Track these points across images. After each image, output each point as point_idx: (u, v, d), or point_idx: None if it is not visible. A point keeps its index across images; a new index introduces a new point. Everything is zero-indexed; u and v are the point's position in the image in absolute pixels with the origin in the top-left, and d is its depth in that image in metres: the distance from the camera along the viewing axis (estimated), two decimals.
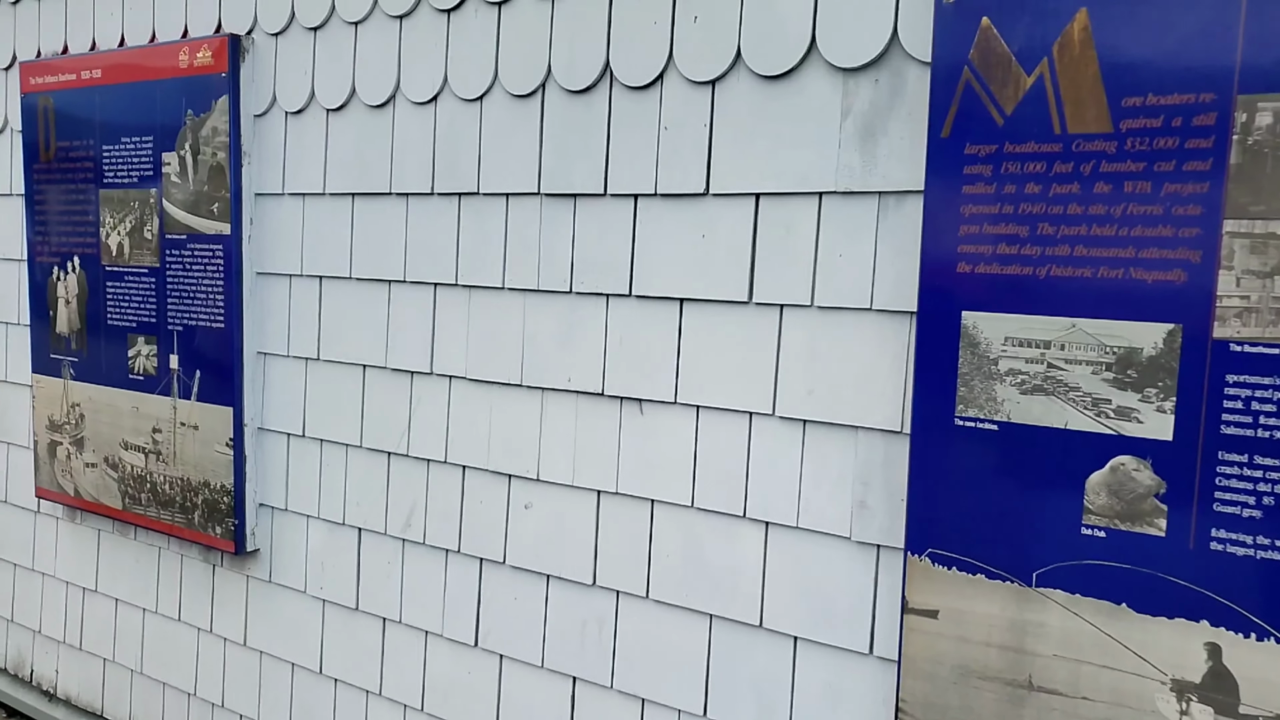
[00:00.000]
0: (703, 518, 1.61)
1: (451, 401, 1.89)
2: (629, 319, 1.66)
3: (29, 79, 2.44)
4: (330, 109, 1.99)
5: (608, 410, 1.70)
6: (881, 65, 1.41)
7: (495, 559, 1.85)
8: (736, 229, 1.54)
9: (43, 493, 2.56)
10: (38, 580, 2.71)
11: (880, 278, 1.42)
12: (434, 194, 1.87)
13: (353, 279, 2.00)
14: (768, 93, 1.50)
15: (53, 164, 2.42)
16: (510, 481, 1.83)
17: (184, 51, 2.11)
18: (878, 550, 1.45)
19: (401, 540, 1.98)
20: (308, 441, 2.10)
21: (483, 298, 1.83)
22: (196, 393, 2.17)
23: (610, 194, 1.67)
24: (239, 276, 2.09)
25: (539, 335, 1.77)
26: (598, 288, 1.69)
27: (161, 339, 2.22)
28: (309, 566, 2.12)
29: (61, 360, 2.46)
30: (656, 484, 1.65)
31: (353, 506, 2.04)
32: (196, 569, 2.34)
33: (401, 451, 1.96)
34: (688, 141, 1.58)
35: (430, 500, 1.93)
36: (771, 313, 1.52)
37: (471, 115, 1.81)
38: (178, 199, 2.15)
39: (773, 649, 1.55)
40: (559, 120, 1.71)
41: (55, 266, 2.45)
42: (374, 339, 1.98)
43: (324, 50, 2.00)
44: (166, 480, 2.25)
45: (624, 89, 1.64)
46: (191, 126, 2.11)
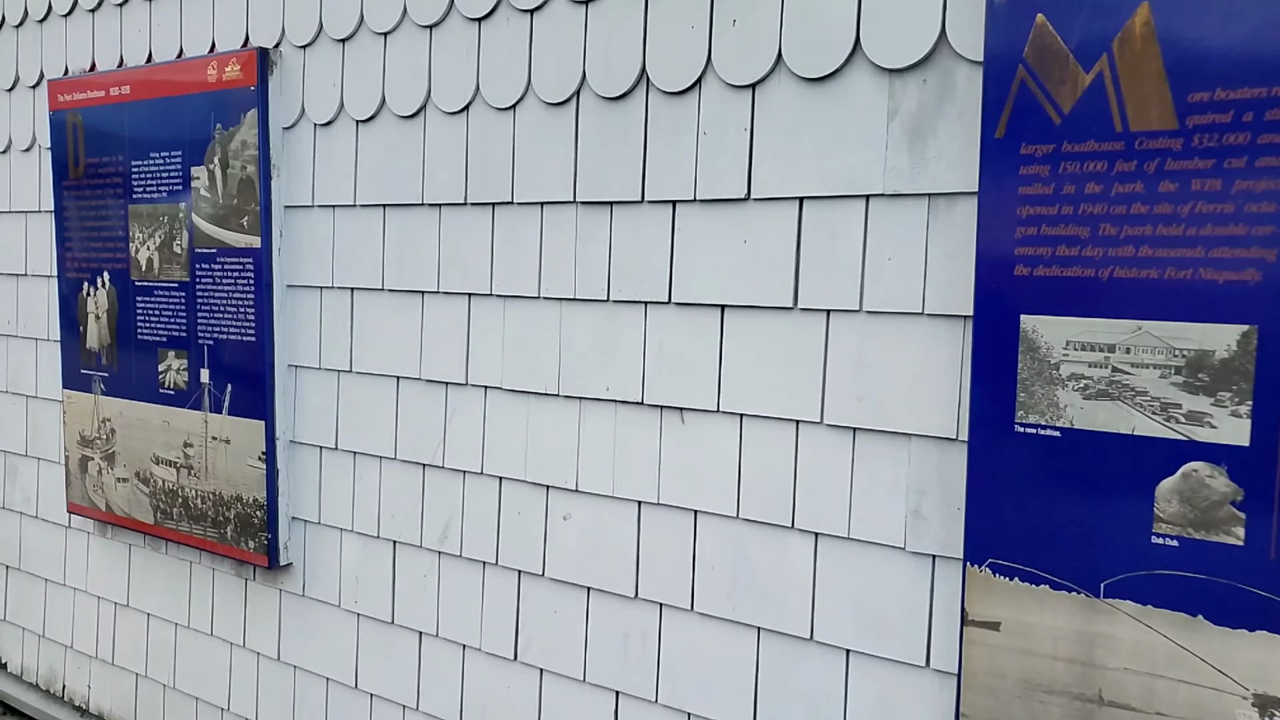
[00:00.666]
0: (749, 529, 1.58)
1: (487, 412, 1.87)
2: (669, 327, 1.64)
3: (57, 96, 2.44)
4: (360, 120, 1.98)
5: (648, 420, 1.67)
6: (929, 65, 1.38)
7: (534, 571, 1.82)
8: (780, 234, 1.52)
9: (74, 508, 2.56)
10: (69, 595, 2.71)
11: (932, 281, 1.39)
12: (467, 204, 1.86)
13: (385, 290, 1.99)
14: (810, 95, 1.47)
15: (82, 180, 2.42)
16: (548, 493, 1.80)
17: (212, 66, 2.11)
18: (933, 560, 1.42)
19: (438, 553, 1.96)
20: (341, 454, 2.09)
21: (518, 308, 1.81)
22: (228, 406, 2.16)
23: (648, 201, 1.64)
24: (269, 289, 2.08)
25: (576, 344, 1.74)
26: (636, 296, 1.67)
27: (192, 353, 2.22)
28: (343, 580, 2.10)
29: (92, 375, 2.46)
30: (700, 494, 1.62)
31: (387, 519, 2.02)
32: (229, 583, 2.33)
33: (437, 463, 1.94)
34: (728, 146, 1.55)
35: (467, 512, 1.91)
36: (818, 318, 1.49)
37: (504, 124, 1.79)
38: (207, 213, 2.15)
39: (824, 662, 1.51)
40: (594, 127, 1.69)
41: (85, 282, 2.45)
42: (407, 350, 1.96)
43: (353, 62, 1.98)
44: (198, 495, 2.24)
45: (661, 94, 1.61)
46: (220, 140, 2.10)
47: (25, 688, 2.81)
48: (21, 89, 2.64)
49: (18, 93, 2.66)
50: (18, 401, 2.78)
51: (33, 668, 2.84)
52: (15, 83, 2.65)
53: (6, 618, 2.88)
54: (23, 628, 2.84)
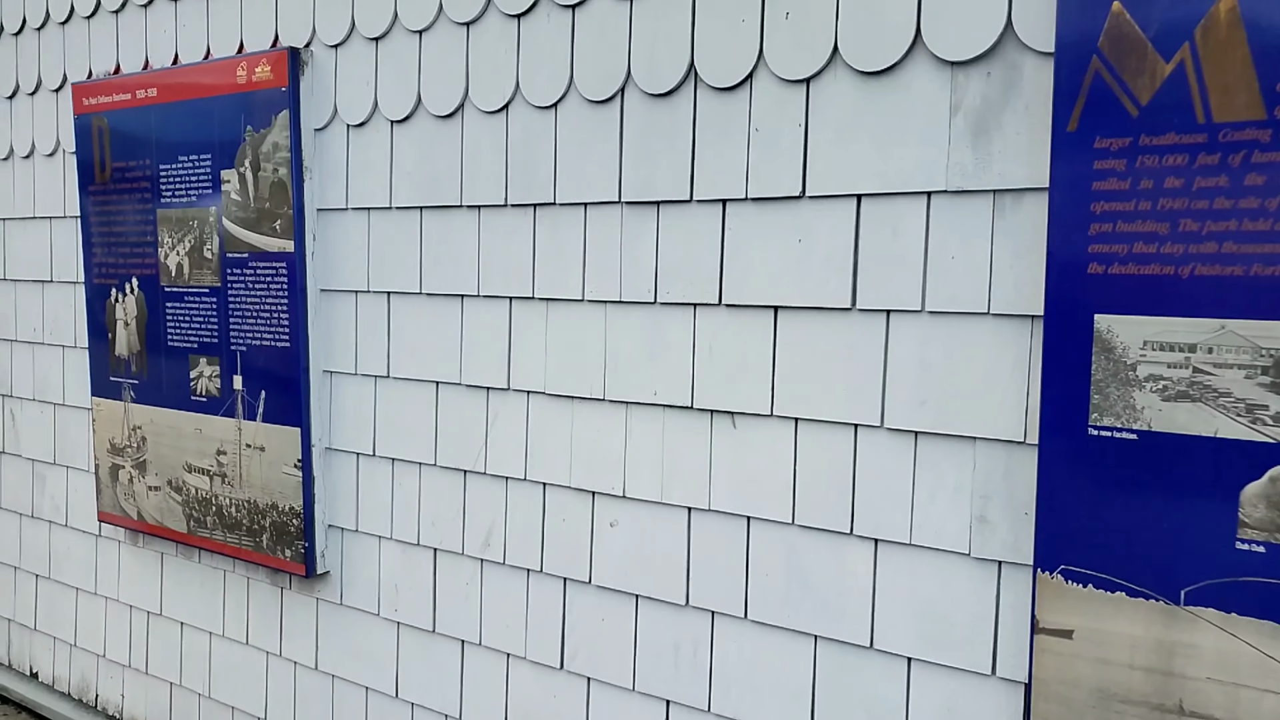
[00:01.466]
0: (805, 535, 1.54)
1: (530, 417, 1.84)
2: (719, 329, 1.60)
3: (82, 100, 2.42)
4: (395, 121, 1.94)
5: (697, 424, 1.64)
6: (994, 57, 1.33)
7: (580, 579, 1.79)
8: (837, 232, 1.48)
9: (105, 516, 2.54)
10: (100, 604, 2.69)
11: (998, 280, 1.35)
12: (508, 206, 1.82)
13: (423, 294, 1.95)
14: (868, 89, 1.43)
15: (108, 185, 2.39)
16: (594, 499, 1.77)
17: (242, 67, 2.07)
18: (999, 566, 1.38)
19: (480, 560, 1.93)
20: (378, 461, 2.06)
21: (561, 311, 1.78)
22: (262, 413, 2.13)
23: (696, 200, 1.61)
24: (303, 294, 2.04)
25: (622, 348, 1.71)
26: (684, 297, 1.63)
27: (224, 359, 2.19)
28: (382, 588, 2.08)
29: (121, 383, 2.43)
30: (753, 500, 1.59)
31: (428, 526, 1.99)
32: (264, 592, 2.31)
33: (478, 469, 1.91)
34: (781, 143, 1.51)
35: (510, 519, 1.88)
36: (877, 319, 1.45)
37: (546, 123, 1.76)
38: (238, 217, 2.12)
39: (885, 670, 1.48)
40: (640, 125, 1.65)
41: (113, 288, 2.42)
42: (447, 355, 1.93)
43: (387, 61, 1.95)
44: (233, 503, 2.22)
45: (710, 90, 1.58)
46: (251, 143, 2.07)
47: (57, 697, 2.80)
48: (44, 92, 2.61)
49: (40, 96, 2.63)
50: (45, 409, 2.76)
51: (64, 677, 2.83)
52: (38, 86, 2.62)
53: (37, 627, 2.87)
54: (54, 637, 2.83)
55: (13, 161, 2.75)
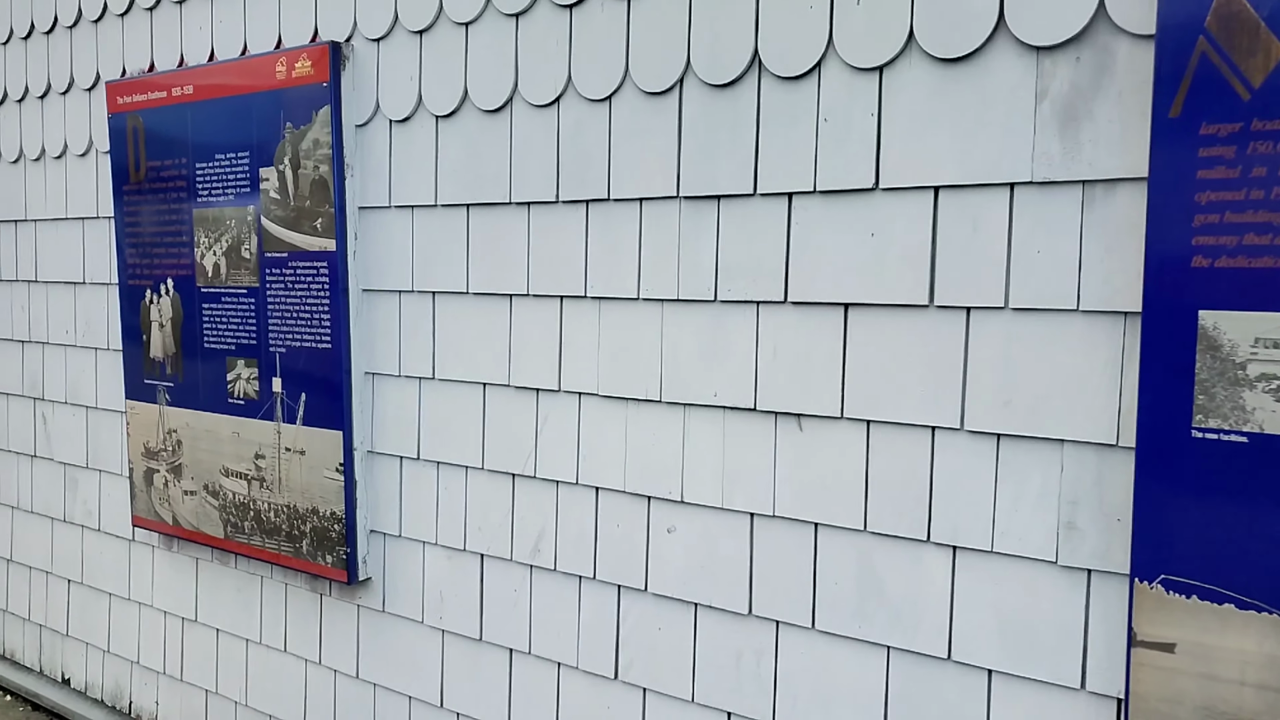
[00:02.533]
0: (878, 542, 1.48)
1: (582, 420, 1.78)
2: (784, 328, 1.54)
3: (116, 98, 2.38)
4: (440, 116, 1.89)
5: (761, 427, 1.58)
6: (1084, 41, 1.27)
7: (635, 586, 1.74)
8: (912, 226, 1.42)
9: (139, 521, 2.50)
10: (134, 610, 2.65)
11: (1088, 275, 1.29)
12: (559, 202, 1.77)
13: (470, 294, 1.90)
14: (947, 77, 1.37)
15: (143, 184, 2.35)
16: (649, 504, 1.72)
17: (281, 63, 2.03)
18: (1088, 575, 1.32)
19: (529, 567, 1.88)
20: (423, 464, 2.01)
21: (615, 310, 1.72)
22: (302, 416, 2.08)
23: (760, 193, 1.55)
24: (345, 294, 2.00)
25: (680, 348, 1.65)
26: (747, 295, 1.57)
27: (263, 361, 2.14)
28: (426, 595, 2.03)
29: (156, 385, 2.40)
30: (821, 506, 1.53)
31: (474, 532, 1.94)
32: (302, 598, 2.26)
33: (528, 473, 1.86)
34: (852, 133, 1.45)
35: (561, 524, 1.83)
36: (957, 317, 1.39)
37: (599, 116, 1.70)
38: (277, 215, 2.07)
39: (964, 683, 1.42)
40: (700, 117, 1.59)
41: (148, 289, 2.38)
42: (495, 356, 1.88)
43: (432, 54, 1.90)
44: (271, 508, 2.17)
45: (775, 80, 1.52)
46: (291, 140, 2.02)
47: (90, 704, 2.77)
48: (77, 91, 2.58)
49: (73, 95, 2.60)
50: (77, 413, 2.72)
51: (97, 683, 2.79)
52: (70, 85, 2.59)
53: (69, 633, 2.84)
54: (86, 643, 2.79)
55: (44, 162, 2.72)
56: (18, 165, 2.80)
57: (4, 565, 3.05)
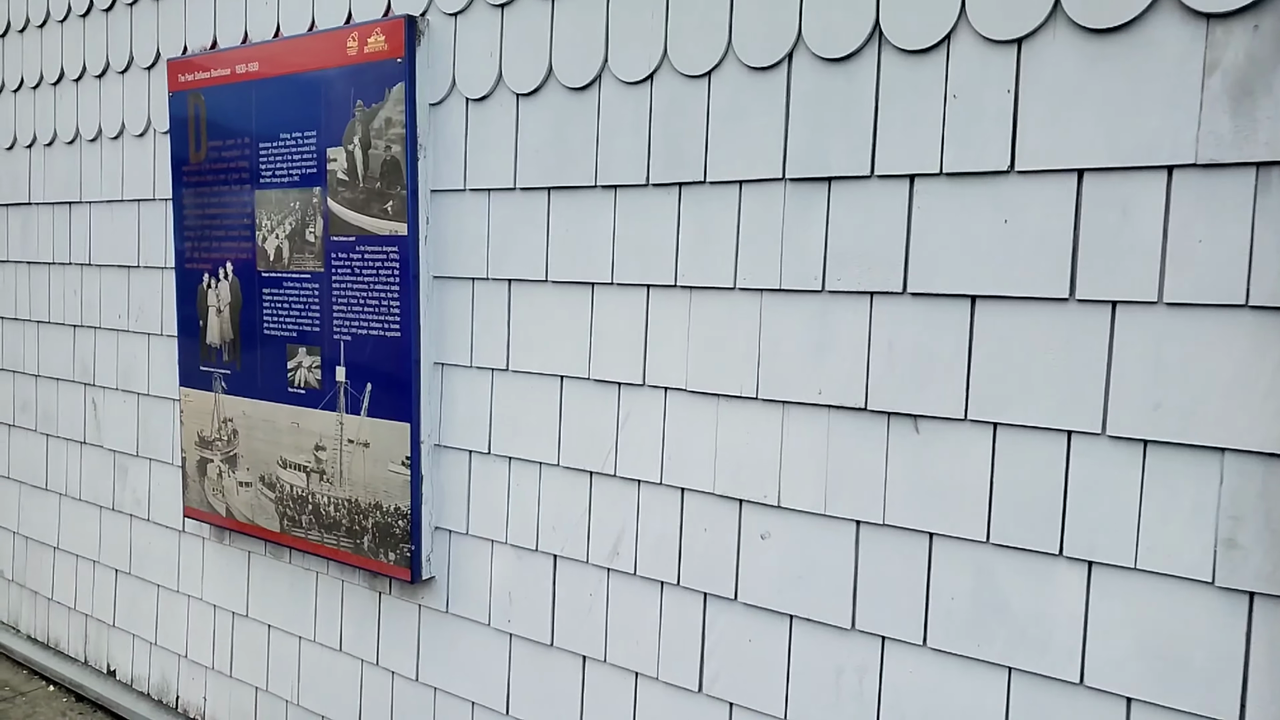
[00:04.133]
0: (1001, 555, 1.37)
1: (668, 416, 1.68)
2: (901, 320, 1.43)
3: (177, 77, 2.31)
4: (521, 94, 1.80)
5: (871, 428, 1.47)
6: (1264, 8, 1.15)
7: (724, 595, 1.64)
8: (1052, 212, 1.30)
9: (191, 512, 2.44)
10: (183, 603, 2.59)
11: (1260, 267, 1.16)
12: (649, 185, 1.67)
13: (548, 282, 1.81)
14: (1096, 49, 1.26)
15: (203, 165, 2.29)
16: (741, 507, 1.61)
17: (352, 38, 1.95)
18: (1250, 598, 1.20)
19: (607, 569, 1.78)
20: (493, 460, 1.92)
21: (708, 300, 1.62)
22: (367, 407, 2.00)
23: (877, 175, 1.44)
24: (415, 281, 1.91)
25: (781, 341, 1.55)
26: (859, 285, 1.46)
27: (326, 349, 2.07)
28: (493, 597, 1.94)
29: (212, 373, 2.33)
30: (937, 515, 1.42)
31: (548, 531, 1.85)
32: (360, 596, 2.18)
33: (607, 471, 1.76)
34: (985, 111, 1.34)
35: (642, 526, 1.73)
36: (1100, 311, 1.27)
37: (697, 93, 1.60)
38: (345, 198, 1.99)
39: (1097, 711, 1.30)
40: (810, 93, 1.49)
41: (205, 274, 2.32)
42: (574, 348, 1.79)
43: (514, 29, 1.81)
44: (331, 502, 2.10)
45: (897, 53, 1.41)
46: (361, 119, 1.94)
47: (136, 696, 2.71)
48: (135, 70, 2.52)
49: (131, 74, 2.54)
50: (128, 399, 2.67)
51: (144, 676, 2.74)
52: (129, 64, 2.53)
53: (116, 624, 2.78)
54: (133, 634, 2.74)
55: (100, 143, 2.66)
56: (73, 146, 2.74)
57: (50, 553, 3.01)
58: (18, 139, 2.91)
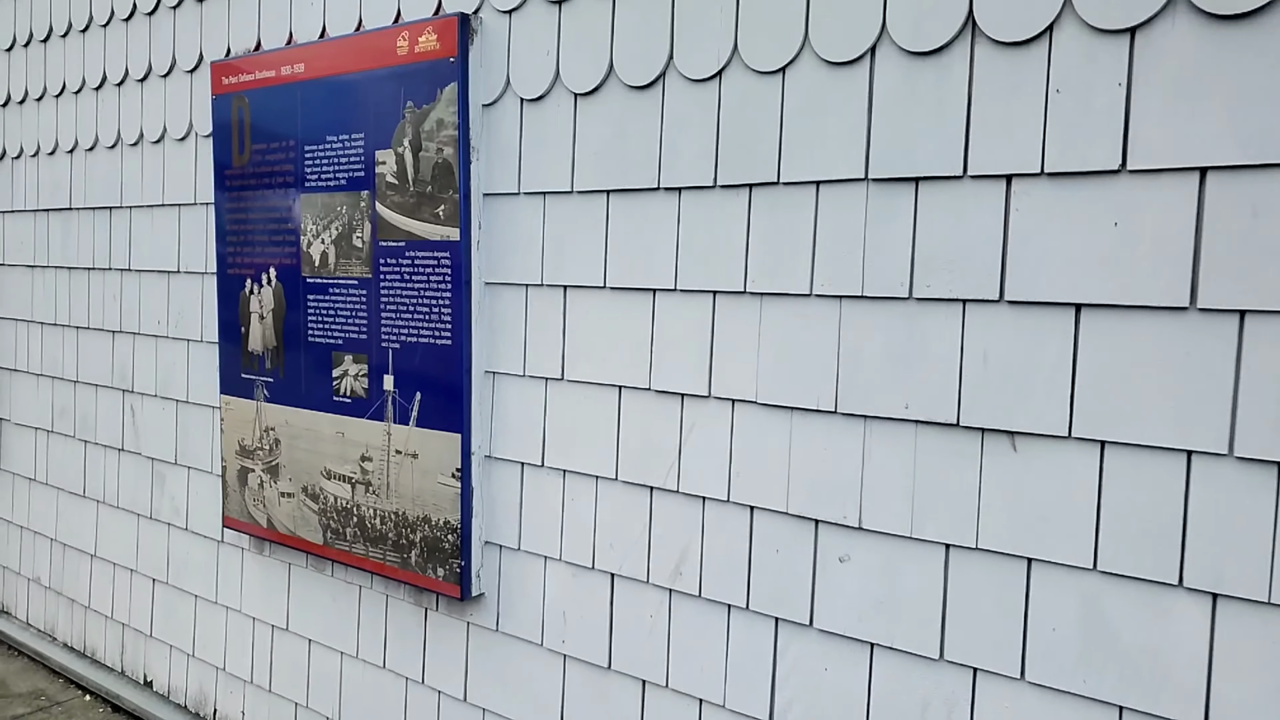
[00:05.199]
0: (1110, 584, 1.27)
1: (735, 430, 1.60)
2: (998, 330, 1.34)
3: (221, 79, 2.27)
4: (579, 93, 1.73)
5: (963, 445, 1.38)
6: None
7: (797, 620, 1.55)
8: (1170, 214, 1.20)
9: (231, 522, 2.38)
10: (221, 614, 2.54)
11: None
12: (716, 187, 1.59)
13: (606, 288, 1.73)
14: (1222, 36, 1.16)
15: (246, 169, 2.24)
16: (817, 528, 1.53)
17: (403, 37, 1.88)
18: None
19: (668, 590, 1.70)
20: (547, 472, 1.85)
21: (781, 307, 1.54)
22: (416, 417, 1.93)
23: (970, 175, 1.35)
24: (467, 287, 1.84)
25: (863, 351, 1.46)
26: (950, 292, 1.37)
27: (373, 357, 2.00)
28: (546, 616, 1.86)
29: (254, 380, 2.27)
30: (1038, 539, 1.32)
31: (605, 549, 1.77)
32: (404, 612, 2.11)
33: (669, 487, 1.68)
34: (1093, 107, 1.24)
35: (707, 545, 1.64)
36: (1227, 321, 1.17)
37: (770, 90, 1.52)
38: (394, 201, 1.93)
39: None
40: (895, 89, 1.40)
41: (248, 279, 2.27)
42: (634, 357, 1.71)
43: (571, 26, 1.74)
44: (377, 514, 2.03)
45: (993, 45, 1.32)
46: (411, 120, 1.88)
47: (172, 708, 2.66)
48: (178, 73, 2.48)
49: (173, 78, 2.50)
50: (167, 406, 2.62)
51: (180, 688, 2.69)
52: (171, 67, 2.49)
53: (153, 634, 2.74)
54: (170, 645, 2.69)
55: (141, 147, 2.62)
56: (114, 150, 2.71)
57: (87, 560, 2.97)
58: (59, 144, 2.89)
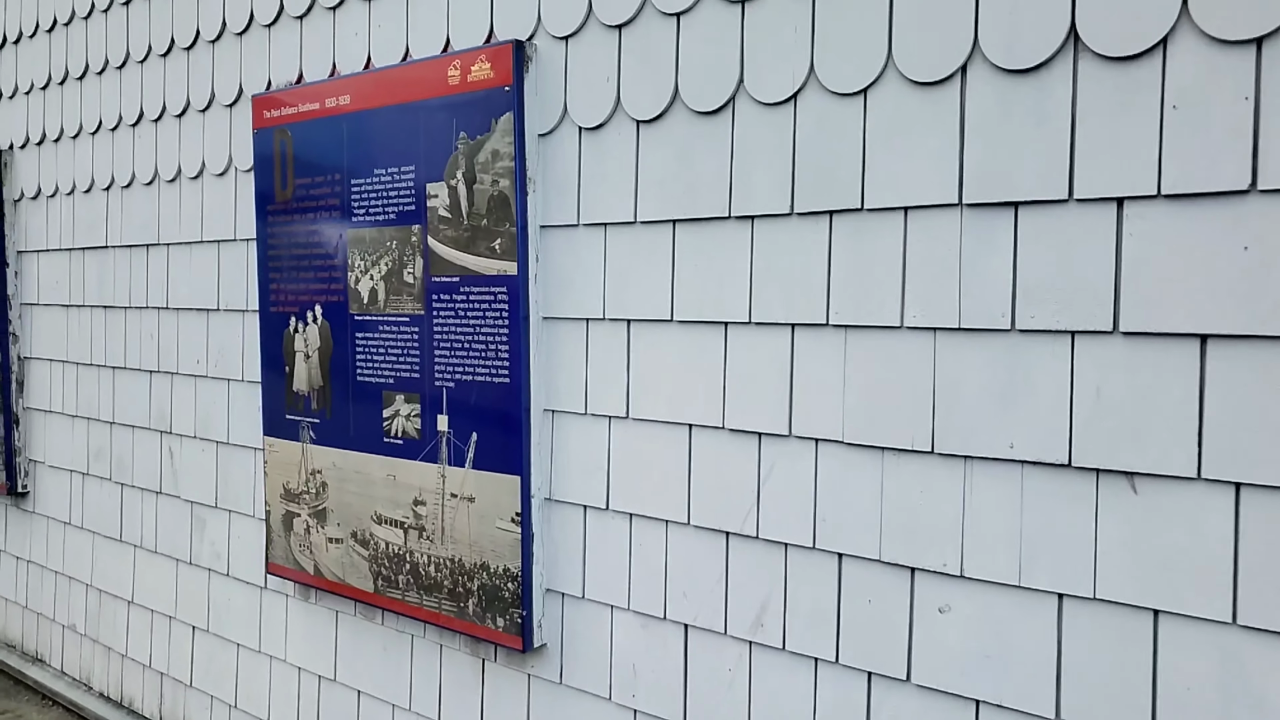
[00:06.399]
0: (1252, 640, 1.16)
1: (820, 471, 1.51)
2: (1111, 363, 1.25)
3: (263, 112, 2.22)
4: (642, 120, 1.66)
5: (1076, 487, 1.28)
6: None
7: (893, 675, 1.45)
8: None
9: (275, 569, 2.31)
10: (264, 663, 2.46)
11: None
12: (793, 214, 1.51)
13: (674, 322, 1.65)
14: None
15: (290, 204, 2.19)
16: (913, 576, 1.43)
17: (454, 65, 1.83)
18: None
19: (748, 643, 1.60)
20: (612, 516, 1.76)
21: (868, 340, 1.45)
22: (472, 459, 1.86)
23: (1076, 199, 1.27)
24: (525, 323, 1.77)
25: (961, 387, 1.37)
26: (1057, 323, 1.29)
27: (426, 396, 1.93)
28: (615, 668, 1.77)
29: (299, 421, 2.21)
30: (1165, 589, 1.22)
31: (677, 598, 1.68)
32: (460, 663, 2.02)
33: (747, 533, 1.59)
34: (1214, 123, 1.16)
35: (791, 595, 1.55)
36: None
37: (850, 113, 1.45)
38: (447, 236, 1.87)
39: None
40: (990, 108, 1.32)
41: (292, 317, 2.21)
42: (705, 393, 1.62)
43: (633, 51, 1.67)
44: (432, 561, 1.95)
45: (1099, 60, 1.24)
46: (465, 152, 1.82)
47: None
48: (217, 108, 2.44)
49: (212, 112, 2.46)
50: (206, 448, 2.56)
51: None
52: (210, 101, 2.46)
53: (193, 683, 2.66)
54: (211, 695, 2.61)
55: (179, 183, 2.59)
56: (151, 187, 2.68)
57: (124, 607, 2.90)
58: (95, 181, 2.86)
